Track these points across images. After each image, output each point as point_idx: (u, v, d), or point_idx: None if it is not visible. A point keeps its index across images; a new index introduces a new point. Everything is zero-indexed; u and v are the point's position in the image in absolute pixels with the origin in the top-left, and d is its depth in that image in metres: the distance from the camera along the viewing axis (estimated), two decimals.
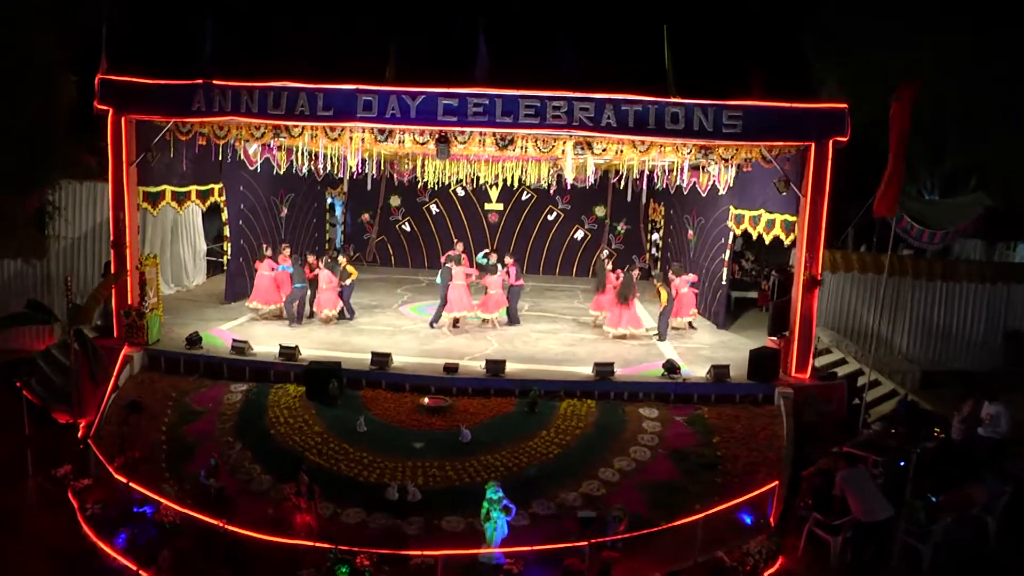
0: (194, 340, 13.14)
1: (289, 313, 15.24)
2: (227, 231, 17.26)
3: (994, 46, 17.58)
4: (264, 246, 16.64)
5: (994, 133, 18.19)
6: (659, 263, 21.92)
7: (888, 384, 14.97)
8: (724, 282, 16.57)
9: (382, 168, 23.15)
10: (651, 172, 16.47)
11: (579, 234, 23.67)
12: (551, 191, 21.76)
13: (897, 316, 17.10)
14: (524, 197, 23.50)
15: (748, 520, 9.78)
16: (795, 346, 12.95)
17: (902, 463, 9.86)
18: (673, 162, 15.59)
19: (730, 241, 16.36)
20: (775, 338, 13.52)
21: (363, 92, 12.17)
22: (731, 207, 16.07)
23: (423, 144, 12.81)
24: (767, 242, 14.59)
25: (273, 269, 15.49)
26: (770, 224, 14.26)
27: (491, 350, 13.91)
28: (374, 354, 12.47)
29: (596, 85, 12.21)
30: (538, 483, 10.00)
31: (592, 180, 22.06)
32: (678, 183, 19.86)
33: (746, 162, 13.22)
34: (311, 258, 15.84)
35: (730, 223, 16.10)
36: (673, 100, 12.29)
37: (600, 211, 23.58)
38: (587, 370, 12.69)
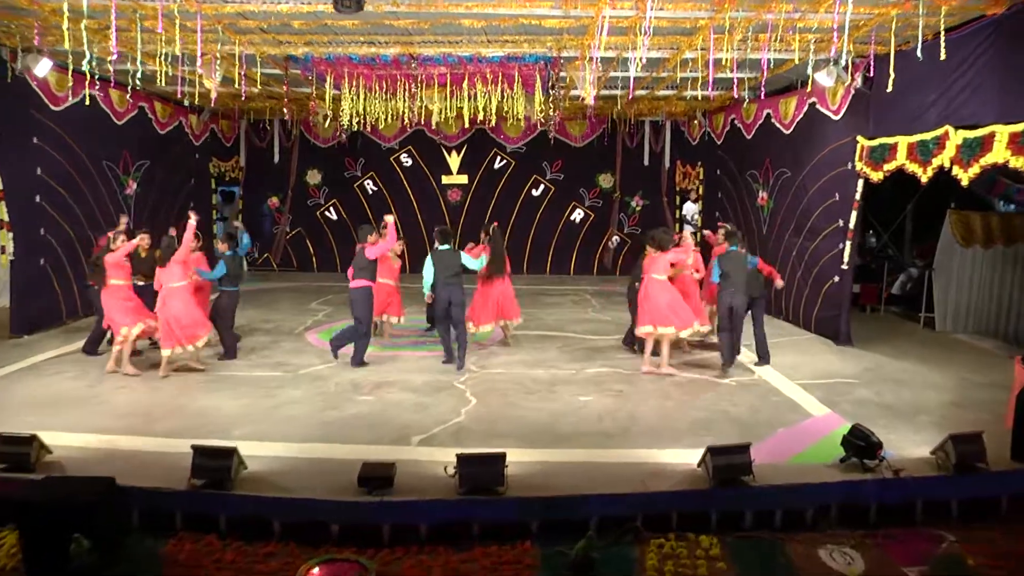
0: None
1: (227, 343, 9.02)
2: (5, 211, 10.14)
3: None
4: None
5: None
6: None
7: None
8: (845, 266, 9.98)
9: (293, 127, 16.43)
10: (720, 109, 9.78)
11: (578, 214, 16.93)
12: (553, 140, 15.04)
13: None
14: (498, 164, 16.72)
15: None
16: None
17: None
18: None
19: (857, 196, 9.77)
20: None
21: None
22: (859, 138, 9.51)
23: None
24: (964, 182, 7.94)
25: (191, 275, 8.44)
26: (974, 146, 7.58)
27: (465, 413, 7.03)
28: (197, 450, 5.43)
29: None
30: None
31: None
32: (732, 126, 13.47)
33: None
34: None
35: (859, 164, 9.53)
36: None
37: (606, 181, 16.86)
38: (675, 455, 5.92)
